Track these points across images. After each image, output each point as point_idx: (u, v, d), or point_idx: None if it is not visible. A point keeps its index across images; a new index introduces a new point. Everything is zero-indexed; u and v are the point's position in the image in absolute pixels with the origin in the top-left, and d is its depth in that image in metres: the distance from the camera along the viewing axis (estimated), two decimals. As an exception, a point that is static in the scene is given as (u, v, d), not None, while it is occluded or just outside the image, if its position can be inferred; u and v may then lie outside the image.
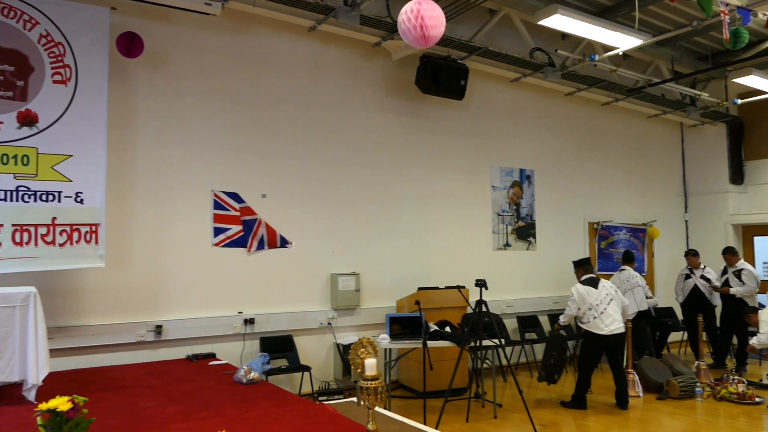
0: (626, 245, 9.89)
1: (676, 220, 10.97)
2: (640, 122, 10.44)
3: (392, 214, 7.40)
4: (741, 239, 10.66)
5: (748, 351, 7.67)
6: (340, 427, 3.23)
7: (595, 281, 6.47)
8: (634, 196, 10.27)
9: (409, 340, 5.95)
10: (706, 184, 10.89)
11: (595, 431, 5.41)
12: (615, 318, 6.21)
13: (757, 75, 8.23)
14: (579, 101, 9.44)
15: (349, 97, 7.17)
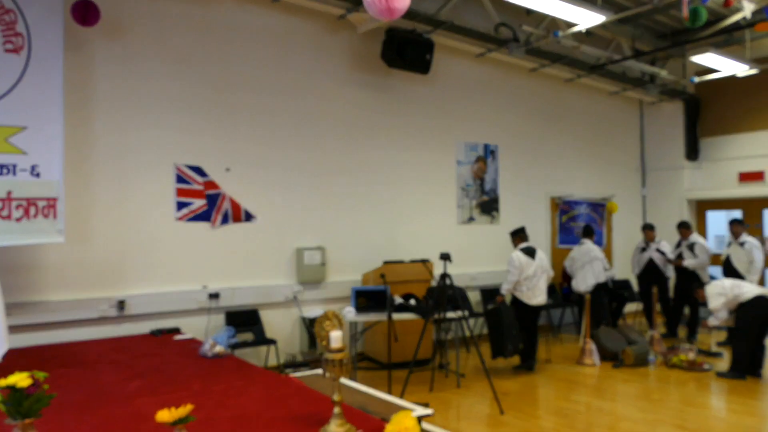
0: (586, 219, 10.13)
1: (633, 195, 11.28)
2: (601, 99, 10.62)
3: (358, 188, 7.42)
4: (695, 214, 11.03)
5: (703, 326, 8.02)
6: (306, 399, 3.28)
7: (532, 251, 6.73)
8: (595, 171, 10.49)
9: (374, 313, 6.03)
10: (662, 160, 11.20)
11: (553, 398, 5.61)
12: (542, 291, 6.66)
13: (714, 53, 8.43)
14: (542, 77, 9.54)
15: (315, 71, 7.10)
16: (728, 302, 6.40)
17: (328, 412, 2.72)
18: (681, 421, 4.89)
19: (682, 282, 8.50)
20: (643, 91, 10.32)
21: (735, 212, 10.37)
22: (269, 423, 2.82)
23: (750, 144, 10.41)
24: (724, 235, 10.05)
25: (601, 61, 9.04)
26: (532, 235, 9.33)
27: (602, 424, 4.81)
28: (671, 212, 10.79)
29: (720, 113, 10.81)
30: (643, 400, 5.51)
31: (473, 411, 5.24)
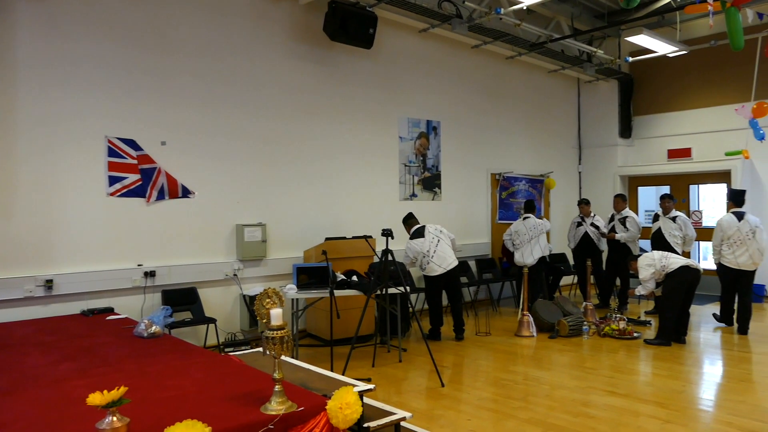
0: (525, 195, 10.36)
1: (570, 172, 11.61)
2: (541, 77, 10.81)
3: (299, 163, 7.30)
4: (627, 189, 11.46)
5: (630, 296, 8.39)
6: (246, 377, 3.23)
7: (421, 231, 6.95)
8: (534, 148, 10.72)
9: (316, 290, 5.99)
10: (598, 137, 11.55)
11: (492, 370, 5.75)
12: (445, 256, 6.87)
13: (647, 34, 8.69)
14: (484, 54, 9.60)
15: (254, 42, 6.88)
16: (656, 273, 6.71)
17: (268, 390, 2.68)
18: (612, 387, 5.11)
19: (614, 254, 8.83)
20: (580, 69, 10.56)
21: (664, 188, 10.84)
22: (208, 403, 2.76)
23: (679, 122, 10.86)
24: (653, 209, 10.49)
25: (541, 39, 9.17)
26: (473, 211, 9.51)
27: (538, 393, 4.97)
28: (605, 188, 11.19)
29: (652, 92, 11.22)
30: (577, 369, 5.72)
31: (414, 384, 5.32)
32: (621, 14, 9.85)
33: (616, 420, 4.32)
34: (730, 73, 10.00)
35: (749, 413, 4.44)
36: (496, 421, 4.33)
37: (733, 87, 9.95)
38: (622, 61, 10.40)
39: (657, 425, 4.21)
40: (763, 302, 9.42)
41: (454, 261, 6.97)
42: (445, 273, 6.90)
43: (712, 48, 9.68)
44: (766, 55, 6.82)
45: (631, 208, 11.25)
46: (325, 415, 2.61)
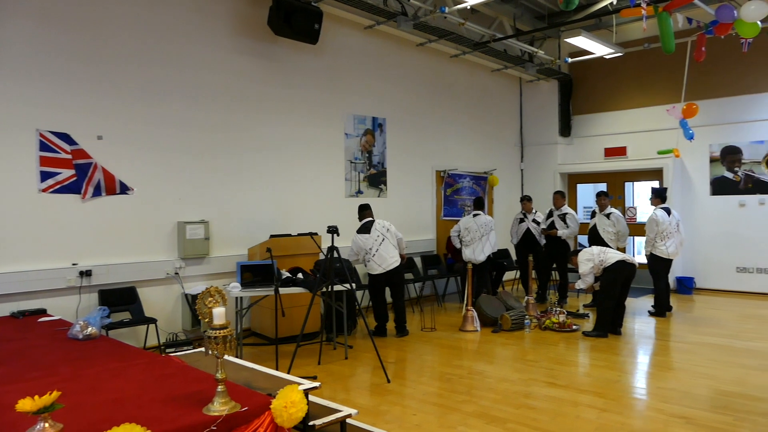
0: (470, 192, 10.53)
1: (513, 169, 11.87)
2: (484, 76, 11.00)
3: (243, 159, 7.18)
4: (567, 186, 11.81)
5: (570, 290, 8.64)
6: (187, 378, 3.15)
7: (368, 227, 7.03)
8: (478, 146, 10.90)
9: (260, 288, 5.91)
10: (539, 135, 11.86)
11: (437, 364, 5.82)
12: (386, 257, 6.96)
13: (585, 36, 8.96)
14: (429, 52, 9.69)
15: (196, 34, 6.71)
16: (595, 267, 6.95)
17: (211, 391, 2.62)
18: (552, 378, 5.26)
19: (553, 250, 9.07)
20: (522, 69, 10.81)
21: (601, 185, 11.23)
22: (147, 405, 2.68)
23: (615, 122, 11.27)
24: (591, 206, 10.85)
25: (484, 39, 9.32)
26: (419, 208, 9.59)
27: (482, 386, 5.06)
28: (546, 185, 11.50)
29: (590, 93, 11.59)
30: (519, 362, 5.87)
31: (361, 381, 5.33)
32: (561, 16, 10.13)
33: (555, 410, 4.45)
34: (662, 75, 10.45)
35: (679, 400, 4.66)
36: (440, 415, 4.38)
37: (665, 88, 10.40)
38: (561, 61, 10.70)
39: (594, 414, 4.36)
40: (692, 294, 9.90)
41: (395, 262, 7.00)
42: (385, 272, 6.96)
43: (646, 51, 10.09)
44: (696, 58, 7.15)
45: (570, 205, 11.62)
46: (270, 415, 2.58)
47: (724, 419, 4.22)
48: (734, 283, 9.94)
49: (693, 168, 10.37)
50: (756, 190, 9.75)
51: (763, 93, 9.65)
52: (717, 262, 10.09)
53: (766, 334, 6.88)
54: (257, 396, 2.79)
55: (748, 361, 5.75)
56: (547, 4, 10.00)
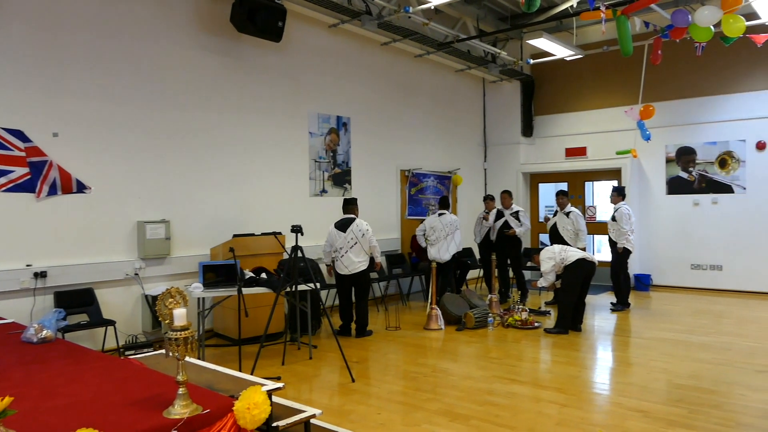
0: (434, 191, 10.60)
1: (476, 168, 11.99)
2: (448, 76, 11.08)
3: (206, 158, 7.07)
4: (529, 186, 12.00)
5: (532, 287, 8.76)
6: (147, 381, 3.09)
7: (345, 225, 6.99)
8: (442, 145, 10.98)
9: (223, 288, 5.83)
10: (502, 135, 12.01)
11: (402, 363, 5.85)
12: (353, 260, 6.93)
13: (547, 38, 9.12)
14: (394, 52, 9.71)
15: (156, 31, 6.58)
16: (556, 265, 7.08)
17: (172, 393, 2.58)
18: (514, 375, 5.34)
19: (507, 249, 9.06)
20: (485, 69, 10.93)
21: (562, 184, 11.44)
22: (105, 409, 2.61)
23: (575, 122, 11.50)
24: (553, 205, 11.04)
25: (448, 39, 9.39)
26: (383, 207, 9.60)
27: (446, 384, 5.10)
28: (509, 184, 11.64)
29: (551, 94, 11.80)
30: (482, 359, 5.93)
31: (325, 381, 5.31)
32: (523, 18, 10.28)
33: (518, 406, 4.51)
34: (621, 77, 10.70)
35: (637, 394, 4.78)
36: (405, 414, 4.40)
37: (623, 90, 10.66)
38: (524, 62, 10.86)
39: (555, 409, 4.44)
40: (649, 291, 10.17)
41: (361, 266, 6.98)
42: (348, 275, 6.97)
43: (605, 53, 10.31)
44: (653, 61, 7.34)
45: (532, 204, 11.82)
46: (232, 417, 2.55)
47: (679, 412, 4.35)
48: (689, 279, 10.25)
49: (650, 168, 10.65)
50: (709, 189, 10.08)
51: (715, 96, 9.97)
52: (672, 260, 10.40)
53: (718, 329, 7.12)
54: (219, 398, 2.76)
55: (702, 355, 5.94)
56: (509, 5, 10.13)
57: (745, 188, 9.74)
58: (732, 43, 6.79)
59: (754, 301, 9.05)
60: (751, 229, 9.65)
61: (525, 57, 11.01)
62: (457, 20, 9.89)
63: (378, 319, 7.93)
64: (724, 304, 8.78)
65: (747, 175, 9.72)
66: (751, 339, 6.58)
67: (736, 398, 4.64)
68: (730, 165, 9.88)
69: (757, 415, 4.26)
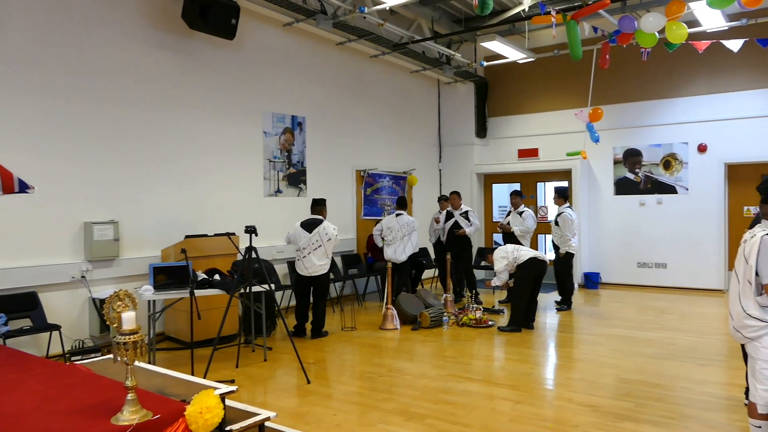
0: (389, 192, 10.63)
1: (431, 169, 12.09)
2: (403, 76, 11.13)
3: (157, 157, 6.90)
4: (483, 186, 12.17)
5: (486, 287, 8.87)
6: (95, 387, 2.99)
7: (311, 225, 6.96)
8: (397, 145, 11.02)
9: (175, 290, 5.70)
10: (456, 136, 12.15)
11: (358, 363, 5.84)
12: (315, 263, 6.89)
13: (500, 41, 9.27)
14: (349, 52, 9.70)
15: (104, 24, 6.38)
16: (509, 264, 7.20)
17: (120, 399, 2.51)
18: (469, 373, 5.41)
19: (457, 249, 9.06)
20: (440, 71, 11.03)
21: (515, 185, 11.64)
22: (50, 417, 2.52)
23: (527, 124, 11.73)
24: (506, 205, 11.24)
25: (403, 40, 9.44)
26: (339, 207, 9.57)
27: (402, 384, 5.13)
28: (463, 185, 11.79)
29: (504, 96, 12.00)
30: (437, 358, 5.98)
31: (280, 383, 5.26)
32: (477, 20, 10.42)
33: (472, 404, 4.57)
34: (571, 80, 10.97)
35: (586, 389, 4.91)
36: (361, 414, 4.40)
37: (574, 93, 10.93)
38: (477, 64, 11.01)
39: (508, 406, 4.52)
40: (598, 288, 10.46)
41: (322, 270, 6.94)
42: (307, 277, 6.93)
43: (556, 57, 10.56)
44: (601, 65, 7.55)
45: (486, 205, 12.00)
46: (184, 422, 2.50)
47: (626, 405, 4.49)
48: (635, 277, 10.59)
49: (598, 169, 10.95)
50: (654, 190, 10.44)
51: (660, 99, 10.34)
52: (620, 258, 10.72)
53: (663, 325, 7.38)
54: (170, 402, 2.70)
55: (647, 350, 6.15)
56: (463, 8, 10.26)
57: (687, 189, 10.13)
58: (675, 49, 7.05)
59: (696, 297, 9.42)
60: (693, 228, 10.04)
61: (479, 59, 11.17)
62: (412, 21, 9.95)
63: (334, 320, 7.90)
64: (669, 301, 9.11)
65: (689, 177, 10.11)
66: (694, 334, 6.85)
67: (680, 391, 4.82)
68: (673, 166, 10.26)
69: (699, 407, 4.44)
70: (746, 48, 7.50)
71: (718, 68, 9.73)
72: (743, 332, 3.33)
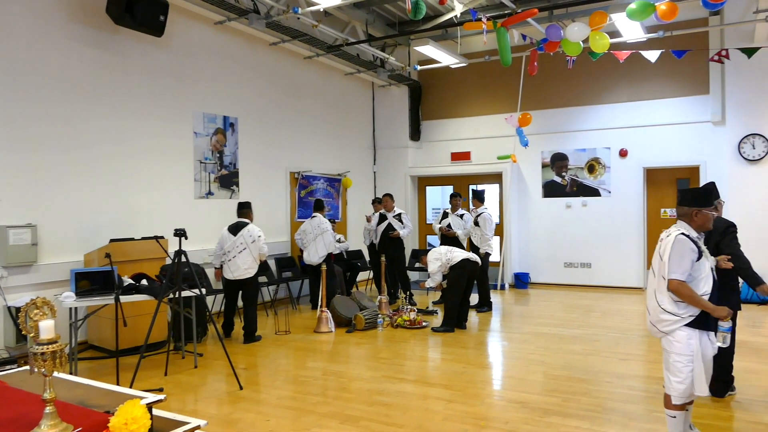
0: (323, 194, 10.58)
1: (366, 171, 12.13)
2: (338, 79, 11.12)
3: (79, 158, 6.58)
4: (417, 189, 12.32)
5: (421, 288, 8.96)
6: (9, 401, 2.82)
7: (236, 228, 6.98)
8: (332, 147, 10.99)
9: (99, 297, 5.45)
10: (390, 139, 12.24)
11: (292, 368, 5.78)
12: (240, 266, 6.92)
13: (433, 46, 9.41)
14: (283, 53, 9.59)
15: (21, 18, 6.04)
16: (443, 266, 7.31)
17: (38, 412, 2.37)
18: (403, 374, 5.45)
19: (390, 251, 9.06)
20: (374, 74, 11.08)
21: (448, 188, 11.86)
22: (-42, 435, 2.35)
23: (460, 128, 11.96)
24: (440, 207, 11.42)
25: (337, 42, 9.42)
26: (273, 210, 9.46)
27: (336, 387, 5.11)
28: (398, 187, 11.90)
29: (437, 99, 12.19)
30: (372, 360, 6.00)
31: (211, 390, 5.13)
32: (410, 24, 10.54)
33: (406, 405, 4.61)
34: (502, 85, 11.28)
35: (516, 386, 5.06)
36: (294, 419, 4.35)
37: (504, 98, 11.24)
38: (411, 68, 11.14)
39: (442, 406, 4.59)
40: (527, 288, 10.79)
41: (248, 273, 6.93)
42: (233, 280, 6.93)
43: (487, 62, 10.82)
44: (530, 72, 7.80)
45: (420, 206, 12.15)
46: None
47: (554, 401, 4.65)
48: (562, 276, 10.99)
49: (528, 172, 11.30)
50: (580, 193, 10.87)
51: (585, 106, 10.78)
52: (548, 259, 11.10)
53: (588, 322, 7.69)
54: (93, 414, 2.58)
55: (574, 347, 6.39)
56: (397, 12, 10.35)
57: (610, 192, 10.61)
58: (599, 57, 7.38)
59: (619, 295, 9.88)
60: (616, 229, 10.52)
61: (412, 63, 11.30)
62: (347, 24, 9.96)
63: (267, 324, 7.79)
64: (593, 299, 9.50)
65: (612, 180, 10.59)
66: (616, 330, 7.17)
67: (603, 385, 5.04)
68: (597, 170, 10.72)
69: (620, 400, 4.66)
70: (663, 59, 7.95)
71: (638, 77, 10.25)
72: (658, 326, 3.53)
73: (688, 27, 9.21)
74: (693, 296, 3.37)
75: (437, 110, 12.20)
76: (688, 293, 3.37)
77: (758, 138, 9.01)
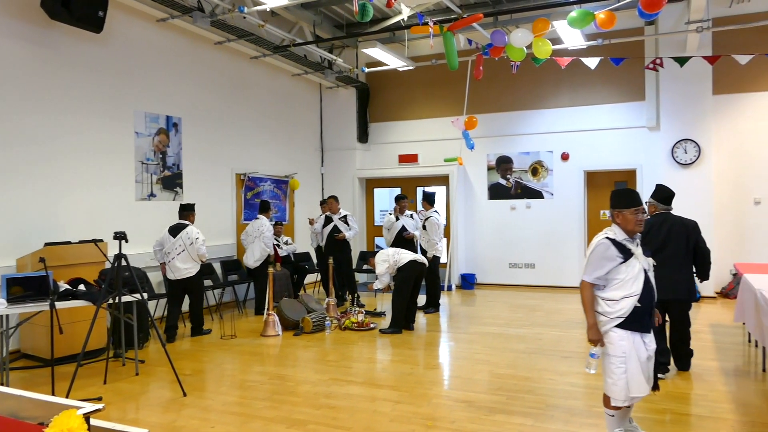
0: (270, 196, 10.46)
1: (313, 173, 12.06)
2: (285, 80, 11.01)
3: (9, 158, 6.28)
4: (365, 191, 12.33)
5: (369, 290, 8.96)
6: (-67, 415, 2.66)
7: (176, 230, 7.07)
8: (279, 149, 10.87)
9: (32, 303, 5.21)
10: (338, 141, 12.21)
11: (238, 372, 5.68)
12: (179, 267, 7.03)
13: (380, 48, 9.45)
14: (229, 52, 9.43)
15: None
16: (390, 267, 7.34)
17: (-36, 427, 2.25)
18: (351, 376, 5.44)
19: (337, 253, 9.01)
20: (322, 75, 11.04)
21: (396, 189, 11.92)
22: None
23: (408, 130, 12.05)
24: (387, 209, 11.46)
25: (284, 43, 9.34)
26: (218, 212, 9.29)
27: (283, 391, 5.05)
28: (346, 189, 11.89)
29: (385, 102, 12.25)
30: (320, 363, 5.96)
31: (154, 397, 4.98)
32: (358, 27, 10.55)
33: (354, 407, 4.61)
34: (448, 89, 11.43)
35: (462, 386, 5.12)
36: (241, 425, 4.28)
37: (451, 101, 11.39)
38: (359, 70, 11.15)
39: (389, 407, 4.60)
40: (474, 289, 10.96)
41: (188, 273, 7.06)
42: (174, 281, 7.05)
43: (434, 66, 10.95)
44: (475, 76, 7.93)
45: (368, 209, 12.17)
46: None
47: (499, 399, 4.74)
48: (507, 277, 11.22)
49: (474, 175, 11.49)
50: (524, 195, 11.13)
51: (529, 110, 11.05)
52: (493, 259, 11.31)
53: (532, 321, 7.87)
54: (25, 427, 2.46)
55: (518, 346, 6.53)
56: (345, 14, 10.35)
57: (552, 194, 10.90)
58: (541, 63, 7.57)
59: (561, 294, 10.16)
60: (558, 230, 10.82)
61: (360, 65, 11.31)
62: (294, 24, 9.89)
63: (213, 328, 7.63)
64: (537, 299, 9.74)
65: (554, 182, 10.89)
66: (559, 329, 7.37)
67: (547, 383, 5.17)
68: (540, 173, 11.00)
69: (563, 396, 4.79)
70: (602, 66, 8.23)
71: (579, 83, 10.58)
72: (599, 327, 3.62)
73: (626, 36, 9.57)
74: (587, 302, 3.55)
75: (385, 112, 12.25)
76: (586, 297, 3.55)
77: (690, 143, 9.45)
